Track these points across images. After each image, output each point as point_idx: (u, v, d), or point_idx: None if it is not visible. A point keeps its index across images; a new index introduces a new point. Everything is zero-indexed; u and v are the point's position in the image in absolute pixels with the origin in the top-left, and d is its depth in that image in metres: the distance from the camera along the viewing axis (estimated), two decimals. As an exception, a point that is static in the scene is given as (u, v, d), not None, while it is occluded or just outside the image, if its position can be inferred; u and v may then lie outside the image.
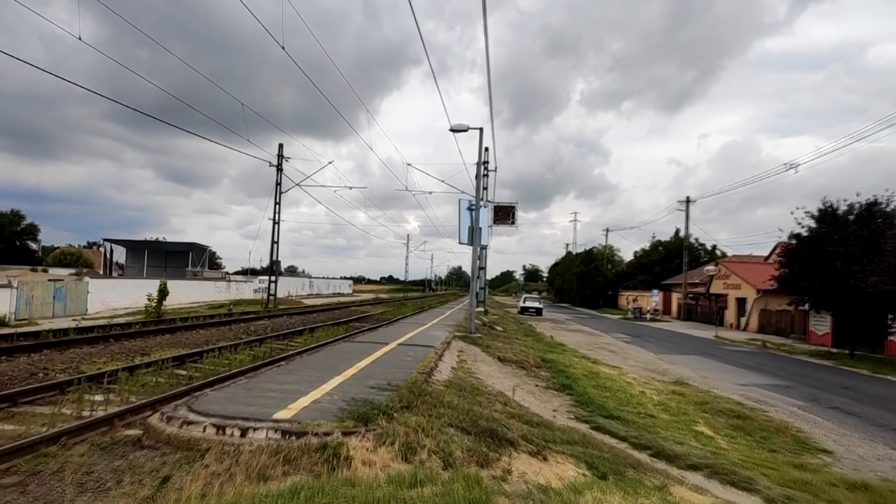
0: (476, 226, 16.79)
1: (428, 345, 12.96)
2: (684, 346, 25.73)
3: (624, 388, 11.73)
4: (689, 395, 12.22)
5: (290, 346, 14.58)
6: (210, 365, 10.90)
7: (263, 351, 12.88)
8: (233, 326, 19.25)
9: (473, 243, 16.84)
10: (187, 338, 14.86)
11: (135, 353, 11.72)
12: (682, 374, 16.33)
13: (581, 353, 18.35)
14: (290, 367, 9.02)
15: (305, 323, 21.90)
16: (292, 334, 17.02)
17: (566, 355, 16.60)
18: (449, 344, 14.00)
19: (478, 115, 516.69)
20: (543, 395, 10.17)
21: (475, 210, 17.15)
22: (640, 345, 25.40)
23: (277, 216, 34.24)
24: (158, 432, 5.42)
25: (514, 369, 12.34)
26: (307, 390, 7.02)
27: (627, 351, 22.21)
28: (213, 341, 14.60)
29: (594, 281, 76.16)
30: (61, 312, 31.23)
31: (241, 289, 56.93)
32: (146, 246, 66.54)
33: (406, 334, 15.42)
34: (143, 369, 9.62)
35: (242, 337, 16.06)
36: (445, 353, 12.18)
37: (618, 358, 19.67)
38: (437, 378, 9.26)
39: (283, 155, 34.41)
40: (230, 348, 12.85)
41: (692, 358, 20.99)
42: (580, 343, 24.06)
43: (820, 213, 28.12)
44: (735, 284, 42.05)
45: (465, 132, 17.06)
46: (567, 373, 12.41)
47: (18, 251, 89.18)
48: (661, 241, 76.49)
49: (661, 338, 30.33)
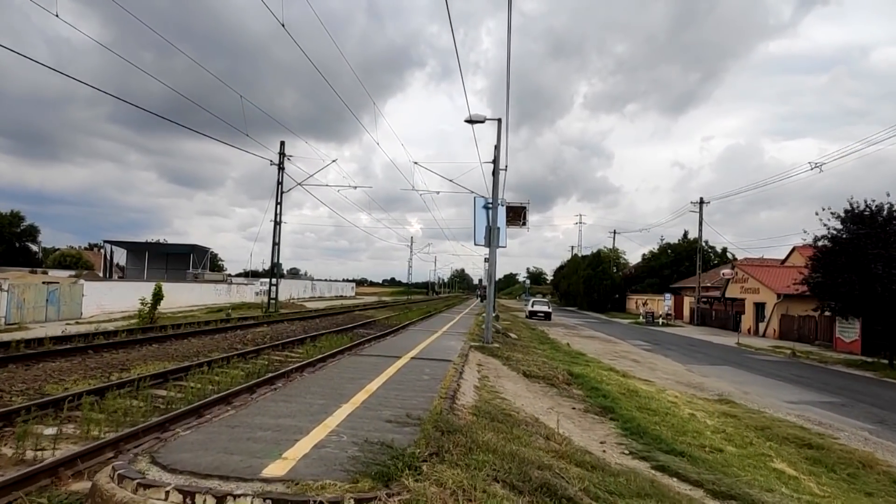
0: (494, 225, 15.35)
1: (444, 358, 11.51)
2: (709, 355, 24.23)
3: (670, 411, 10.25)
4: (742, 418, 10.75)
5: (289, 358, 13.15)
6: (197, 383, 9.47)
7: (260, 365, 11.45)
8: (229, 334, 17.83)
9: (491, 244, 15.39)
10: (176, 348, 13.44)
11: (113, 369, 10.30)
12: (721, 388, 14.84)
13: (606, 365, 16.87)
14: (289, 389, 7.59)
15: (307, 330, 20.47)
16: (293, 343, 15.60)
17: (592, 367, 15.13)
18: (466, 357, 12.55)
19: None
20: (584, 421, 8.71)
21: (492, 209, 15.71)
22: (662, 353, 23.90)
23: (279, 217, 32.87)
24: (106, 497, 3.99)
25: (543, 387, 10.88)
26: (308, 427, 5.58)
27: (652, 361, 20.72)
28: (205, 353, 13.17)
29: (602, 284, 74.63)
30: (55, 316, 29.94)
31: (242, 291, 55.61)
32: (147, 248, 65.34)
33: (418, 345, 13.98)
34: (116, 391, 8.20)
35: (238, 347, 14.63)
36: (465, 369, 10.74)
37: (644, 369, 18.20)
38: (463, 402, 7.82)
39: (284, 153, 33.04)
40: (222, 362, 11.43)
41: (724, 369, 19.49)
42: (599, 352, 22.58)
43: (847, 214, 26.66)
44: (753, 288, 40.50)
45: (482, 123, 15.63)
46: (602, 390, 10.94)
47: (18, 253, 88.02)
48: (670, 243, 75.00)
49: (681, 345, 28.82)
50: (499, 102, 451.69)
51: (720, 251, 73.12)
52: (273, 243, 33.27)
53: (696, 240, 72.63)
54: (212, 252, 78.08)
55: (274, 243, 33.25)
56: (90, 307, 32.92)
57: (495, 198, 15.72)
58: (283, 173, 32.78)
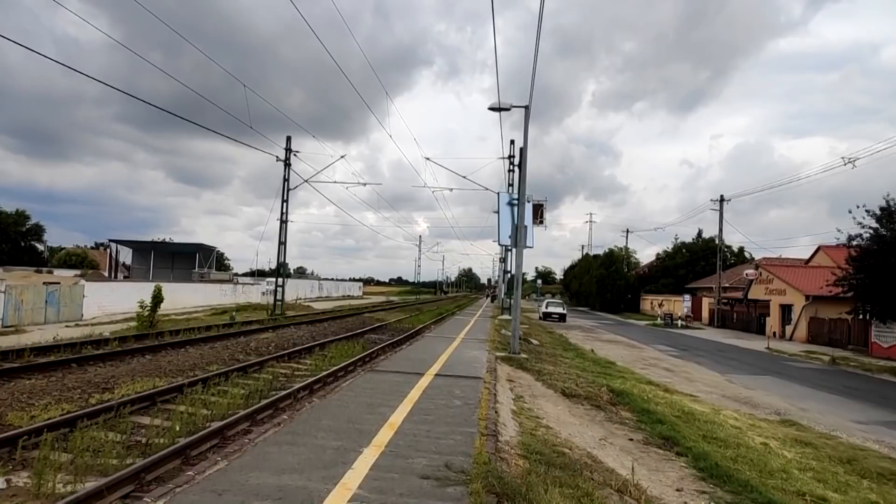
0: (520, 223, 13.91)
1: (472, 375, 10.11)
2: (743, 362, 22.68)
3: (739, 439, 8.80)
4: (819, 446, 9.29)
5: (296, 372, 11.77)
6: (189, 405, 8.11)
7: (262, 382, 10.08)
8: (231, 342, 16.50)
9: (517, 244, 13.95)
10: (171, 360, 12.09)
11: (95, 389, 8.96)
12: (774, 405, 13.36)
13: (642, 376, 15.42)
14: (295, 424, 6.21)
15: (315, 336, 19.10)
16: (300, 352, 14.23)
17: (629, 381, 13.68)
18: (495, 371, 11.15)
19: (489, 116, 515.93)
20: (647, 457, 7.28)
21: (518, 205, 14.28)
22: (692, 360, 22.38)
23: (285, 215, 31.51)
24: None
25: (588, 409, 9.45)
26: (321, 490, 4.19)
27: (685, 370, 19.23)
28: (203, 365, 11.82)
29: (615, 284, 72.97)
30: (54, 318, 28.86)
31: (249, 292, 54.48)
32: (152, 247, 64.40)
33: (438, 357, 12.59)
34: (91, 420, 6.85)
35: (240, 357, 13.28)
36: (497, 388, 9.34)
37: (681, 380, 16.73)
38: (507, 438, 6.41)
39: (290, 149, 31.68)
40: (221, 377, 10.07)
41: (766, 380, 17.97)
42: (626, 359, 21.10)
43: (883, 212, 25.11)
44: (779, 290, 38.83)
45: (508, 110, 14.20)
46: (654, 413, 9.50)
47: (24, 252, 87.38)
48: (685, 242, 73.26)
49: (709, 350, 27.26)
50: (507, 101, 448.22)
51: (737, 251, 71.36)
52: (279, 242, 31.97)
53: (713, 239, 70.93)
54: (218, 251, 77.19)
55: (280, 242, 31.94)
56: (91, 308, 31.88)
57: (521, 193, 14.28)
58: (290, 170, 31.45)
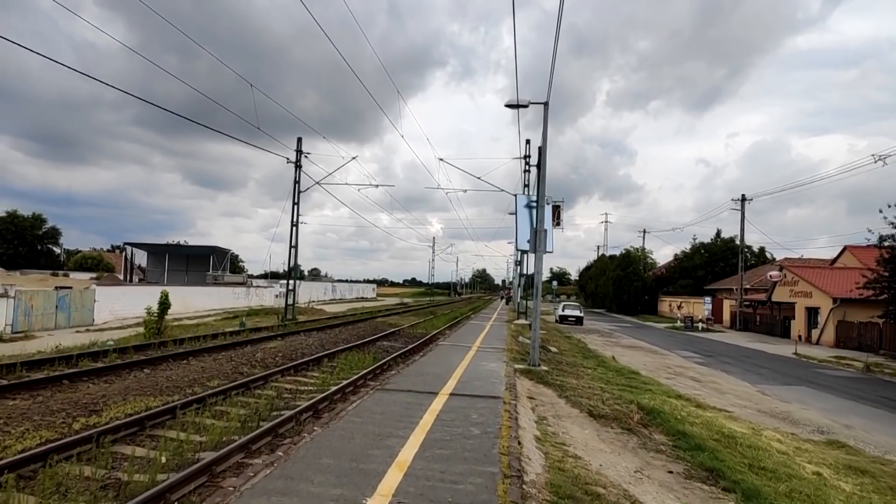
0: (539, 227, 13.06)
1: (490, 394, 9.29)
2: (773, 370, 21.57)
3: (789, 467, 7.88)
4: (876, 474, 8.34)
5: (301, 387, 11.03)
6: (180, 431, 7.39)
7: (265, 401, 9.35)
8: (237, 351, 15.83)
9: (536, 249, 13.09)
10: (170, 375, 11.41)
11: (81, 411, 8.27)
12: (815, 421, 12.38)
13: (671, 390, 14.48)
14: (290, 463, 5.45)
15: (325, 344, 18.39)
16: (307, 364, 13.51)
17: (657, 395, 12.77)
18: (514, 388, 10.32)
19: (503, 117, 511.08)
20: (691, 495, 6.41)
21: (538, 208, 13.43)
22: (719, 368, 21.34)
23: (296, 217, 30.89)
24: None
25: (618, 433, 8.59)
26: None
27: (714, 380, 18.22)
28: (203, 380, 11.12)
29: (632, 286, 71.60)
30: (65, 323, 28.60)
31: (262, 294, 54.18)
32: (167, 249, 64.42)
33: (453, 370, 11.79)
34: (67, 452, 6.15)
35: (244, 371, 12.58)
36: (518, 408, 8.52)
37: (710, 392, 15.77)
38: (532, 478, 5.59)
39: (301, 150, 31.08)
40: (220, 396, 9.36)
41: (800, 391, 16.92)
42: (649, 366, 20.14)
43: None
44: (805, 292, 37.48)
45: (526, 107, 13.35)
46: (691, 436, 8.62)
47: (41, 255, 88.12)
48: (704, 243, 71.73)
49: (735, 356, 26.14)
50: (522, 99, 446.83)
51: (757, 251, 69.79)
52: (290, 245, 31.34)
53: (732, 239, 69.54)
54: (233, 253, 77.09)
55: (291, 245, 31.31)
56: (103, 313, 31.63)
57: (540, 195, 13.42)
58: (301, 171, 30.84)
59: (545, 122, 13.16)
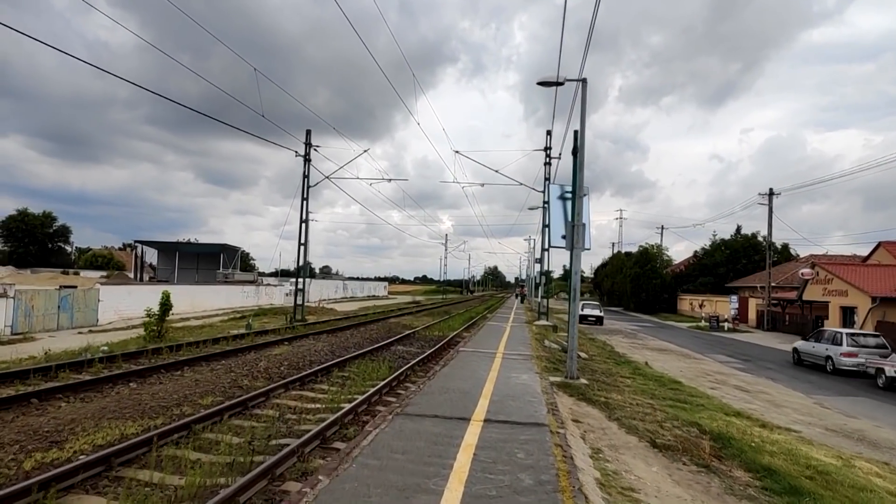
0: (577, 222, 11.48)
1: (533, 420, 7.74)
2: (822, 377, 19.78)
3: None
4: None
5: (307, 407, 9.54)
6: (153, 472, 5.94)
7: (263, 426, 7.89)
8: (239, 360, 14.40)
9: (573, 247, 11.51)
10: (157, 391, 9.97)
11: (40, 441, 6.86)
12: (894, 441, 10.73)
13: (727, 406, 12.85)
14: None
15: (335, 350, 16.94)
16: (315, 375, 12.05)
17: (717, 414, 11.17)
18: (556, 408, 8.77)
19: (514, 115, 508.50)
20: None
21: (574, 198, 11.84)
22: (763, 375, 19.61)
23: (306, 213, 29.49)
24: None
25: (692, 470, 7.01)
26: None
27: (762, 389, 16.54)
28: (195, 397, 9.68)
29: (650, 283, 69.67)
30: (67, 324, 27.47)
31: (272, 293, 53.04)
32: (177, 248, 63.58)
33: (483, 386, 10.26)
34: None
35: (243, 383, 11.13)
36: (568, 438, 6.97)
37: (763, 404, 14.12)
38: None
39: (310, 143, 29.66)
40: (210, 420, 7.91)
41: (862, 403, 15.21)
42: (686, 373, 18.48)
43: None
44: (840, 290, 35.51)
45: (561, 85, 11.76)
46: (779, 473, 7.03)
47: (52, 254, 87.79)
48: (724, 239, 69.60)
49: (773, 360, 24.38)
50: (532, 98, 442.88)
51: (780, 247, 67.57)
52: (299, 243, 29.95)
53: (755, 235, 67.39)
54: (243, 251, 76.21)
55: (300, 243, 29.92)
56: (107, 313, 30.55)
57: (578, 184, 11.81)
58: (310, 165, 29.44)
59: (583, 102, 11.57)
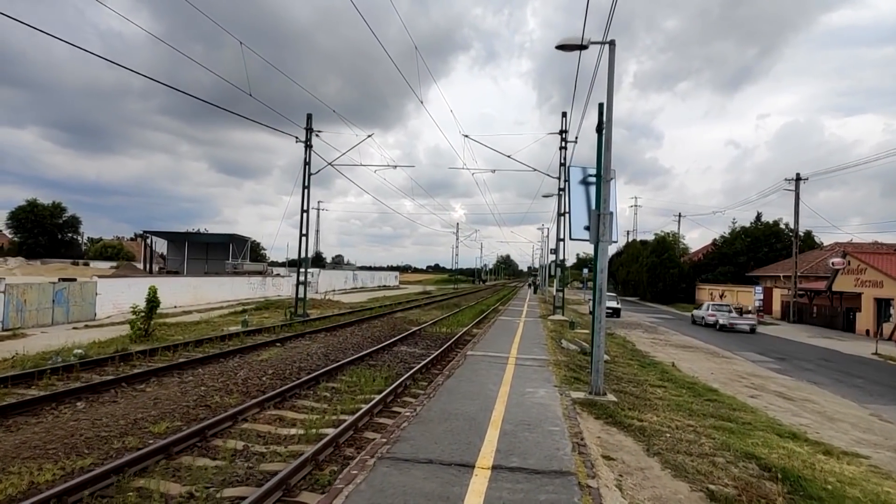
0: (604, 211, 9.75)
1: (554, 467, 6.08)
2: (868, 379, 17.83)
3: None
4: None
5: (280, 435, 7.96)
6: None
7: (209, 476, 6.32)
8: (218, 367, 12.86)
9: (598, 240, 9.80)
10: (106, 413, 8.43)
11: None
12: None
13: (781, 425, 11.12)
14: None
15: (329, 353, 15.40)
16: (300, 388, 10.50)
17: (770, 437, 9.47)
18: (582, 439, 7.12)
19: (527, 102, 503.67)
20: None
21: (600, 182, 10.10)
22: (801, 377, 17.79)
23: (307, 202, 27.86)
24: None
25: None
26: None
27: (807, 396, 14.75)
28: (148, 421, 8.13)
29: (668, 273, 67.48)
30: (63, 319, 26.30)
31: (280, 284, 51.84)
32: (186, 238, 62.71)
33: (492, 409, 8.64)
34: None
35: (212, 401, 9.57)
36: (603, 494, 5.32)
37: (813, 417, 12.37)
38: None
39: (311, 128, 27.98)
40: (145, 461, 6.36)
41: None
42: (718, 376, 16.74)
43: None
44: (874, 281, 33.38)
45: (586, 49, 9.98)
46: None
47: (62, 245, 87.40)
48: (745, 227, 67.14)
49: (809, 358, 22.49)
50: (546, 85, 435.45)
51: (803, 235, 65.03)
52: (300, 233, 28.40)
53: (776, 223, 64.91)
54: (254, 241, 75.06)
55: (301, 233, 28.36)
56: (106, 306, 29.40)
57: (605, 167, 10.06)
58: (311, 151, 27.79)
59: (611, 68, 9.76)
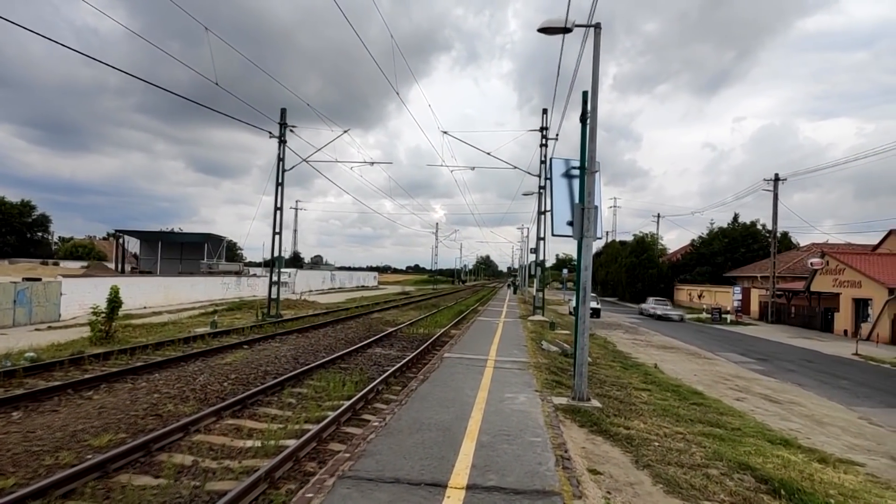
0: (588, 205, 9.17)
1: (535, 486, 5.44)
2: (852, 381, 17.62)
3: None
4: None
5: (235, 449, 7.19)
6: None
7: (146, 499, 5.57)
8: (176, 371, 11.99)
9: (583, 235, 9.21)
10: (41, 425, 7.57)
11: None
12: None
13: (771, 431, 10.67)
14: None
15: (299, 356, 14.61)
16: (264, 394, 9.73)
17: (761, 444, 8.97)
18: (566, 451, 6.50)
19: (508, 104, 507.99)
20: None
21: (583, 174, 9.52)
22: (785, 378, 17.49)
23: (280, 199, 26.91)
24: None
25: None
26: None
27: (792, 398, 14.38)
28: (88, 434, 7.31)
29: (646, 273, 67.76)
30: (25, 319, 24.99)
31: (255, 284, 50.60)
32: (160, 237, 61.02)
33: (468, 417, 7.98)
34: None
35: (165, 410, 8.75)
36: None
37: (802, 421, 11.97)
38: None
39: (285, 123, 27.06)
40: (74, 481, 5.58)
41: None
42: (702, 378, 16.36)
43: None
44: (852, 281, 33.51)
45: (570, 32, 9.37)
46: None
47: (31, 244, 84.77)
48: (723, 228, 67.64)
49: (791, 359, 22.28)
50: (527, 86, 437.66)
51: (779, 236, 65.69)
52: (274, 231, 27.40)
53: (754, 223, 65.49)
54: (230, 241, 73.48)
55: (275, 232, 27.38)
56: (71, 307, 28.09)
57: (589, 158, 9.49)
58: (285, 147, 26.88)
59: (595, 53, 9.17)
